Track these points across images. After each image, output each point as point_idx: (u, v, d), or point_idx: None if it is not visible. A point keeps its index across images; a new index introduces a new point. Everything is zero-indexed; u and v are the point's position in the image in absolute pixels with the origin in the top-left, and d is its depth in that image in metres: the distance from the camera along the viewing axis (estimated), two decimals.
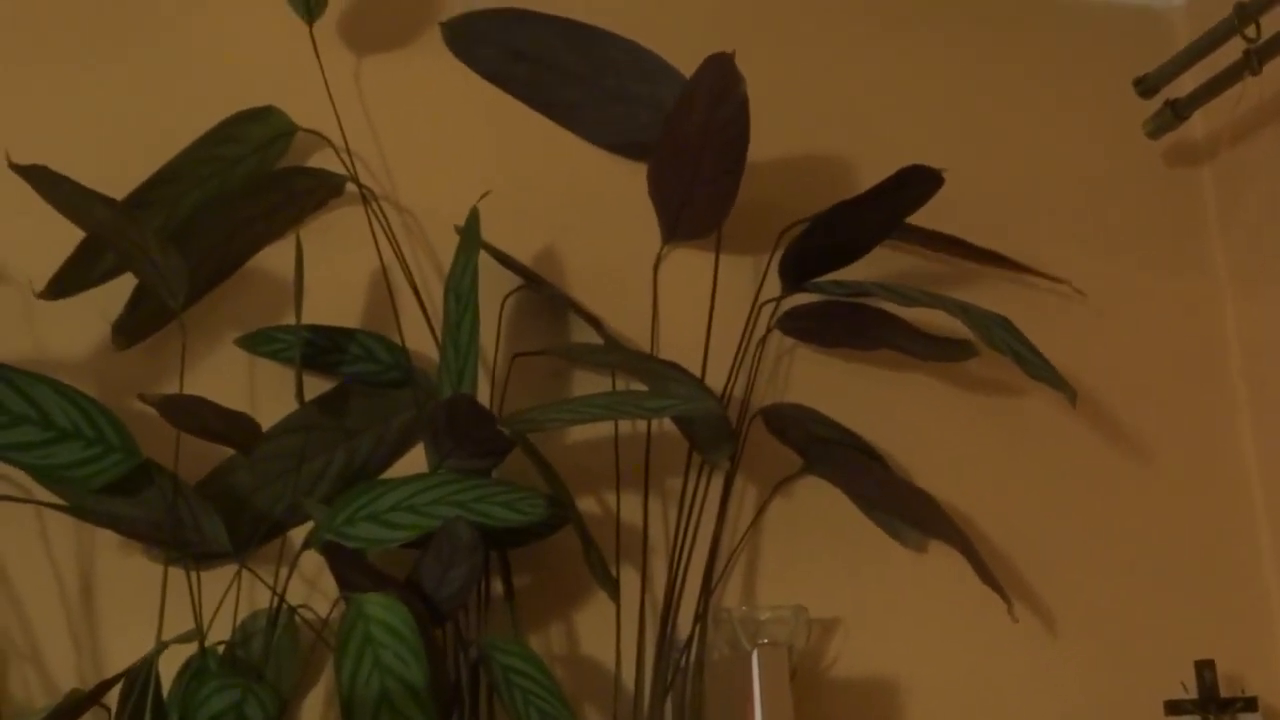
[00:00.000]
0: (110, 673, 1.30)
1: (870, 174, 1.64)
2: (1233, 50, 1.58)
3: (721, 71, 1.33)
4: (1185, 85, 1.71)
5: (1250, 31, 1.49)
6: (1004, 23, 1.78)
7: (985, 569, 1.45)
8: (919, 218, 1.57)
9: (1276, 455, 1.66)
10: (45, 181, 1.17)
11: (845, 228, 1.44)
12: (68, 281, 1.34)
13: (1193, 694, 1.55)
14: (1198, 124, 1.78)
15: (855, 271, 1.57)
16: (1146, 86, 1.67)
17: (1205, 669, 1.51)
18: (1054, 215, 1.73)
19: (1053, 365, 1.41)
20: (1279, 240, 1.67)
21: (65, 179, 1.17)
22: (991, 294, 1.65)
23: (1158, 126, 1.70)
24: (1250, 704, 1.49)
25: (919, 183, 1.40)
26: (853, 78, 1.70)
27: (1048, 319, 1.67)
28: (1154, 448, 1.68)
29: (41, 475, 1.26)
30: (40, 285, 1.35)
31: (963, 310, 1.41)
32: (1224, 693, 1.56)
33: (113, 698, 1.22)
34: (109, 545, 1.35)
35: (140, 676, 1.19)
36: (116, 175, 1.38)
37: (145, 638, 1.30)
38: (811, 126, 1.67)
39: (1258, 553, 1.67)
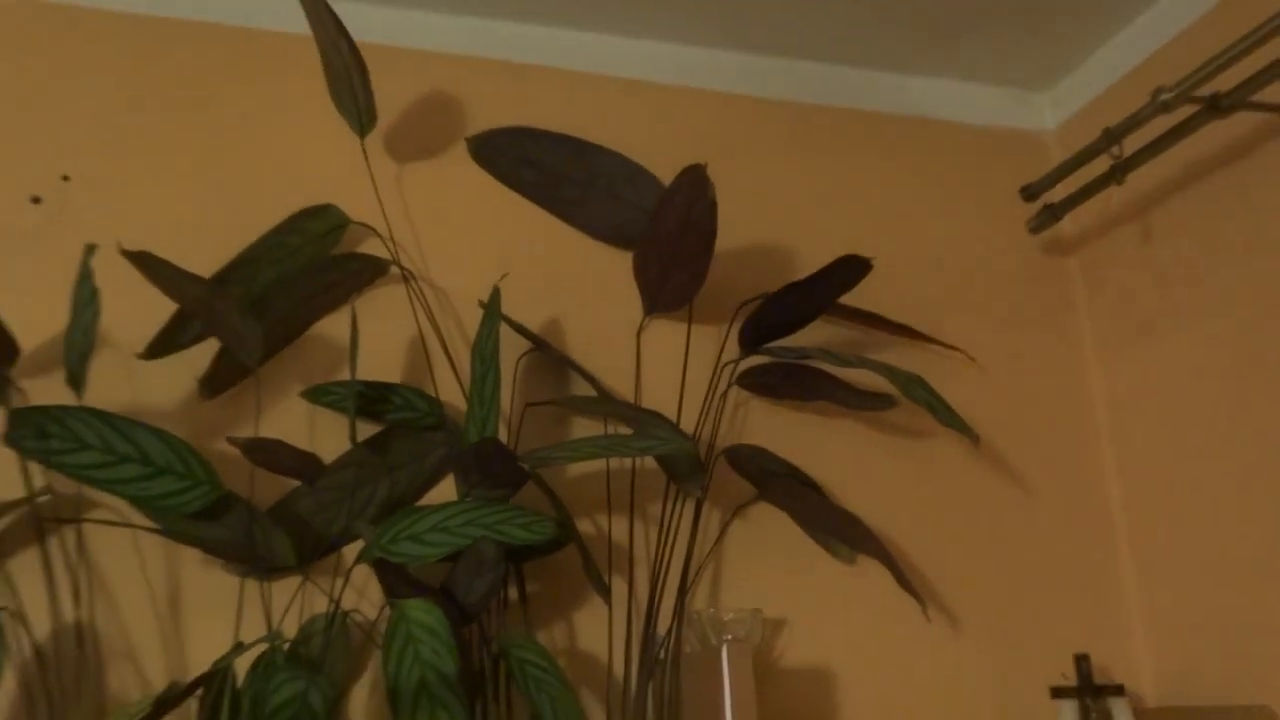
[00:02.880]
0: (193, 669, 1.30)
1: (809, 262, 1.67)
2: (1099, 165, 1.61)
3: (696, 179, 1.34)
4: (1059, 193, 1.73)
5: (1115, 150, 1.52)
6: (917, 144, 1.80)
7: (904, 578, 1.45)
8: (848, 298, 1.59)
9: (1135, 489, 1.67)
10: (148, 264, 1.18)
11: (792, 304, 1.45)
12: (163, 345, 1.34)
13: (1073, 682, 1.55)
14: (1068, 222, 1.81)
15: (799, 339, 1.59)
16: (1030, 193, 1.69)
17: (1082, 661, 1.51)
18: (954, 295, 1.74)
19: (959, 414, 1.42)
20: (1132, 315, 1.69)
21: (164, 262, 1.18)
22: (906, 358, 1.68)
23: (1039, 224, 1.71)
24: (1119, 690, 1.49)
25: (851, 268, 1.41)
26: (796, 187, 1.72)
27: (949, 378, 1.69)
28: (1035, 481, 1.69)
29: (139, 504, 1.25)
30: (140, 348, 1.34)
31: (888, 371, 1.42)
32: (1097, 681, 1.57)
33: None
34: (194, 561, 1.33)
35: (222, 673, 1.17)
36: (204, 259, 1.39)
37: (223, 639, 1.30)
38: (763, 224, 1.68)
39: (1120, 569, 1.68)
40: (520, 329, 1.47)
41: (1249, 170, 1.49)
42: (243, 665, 1.22)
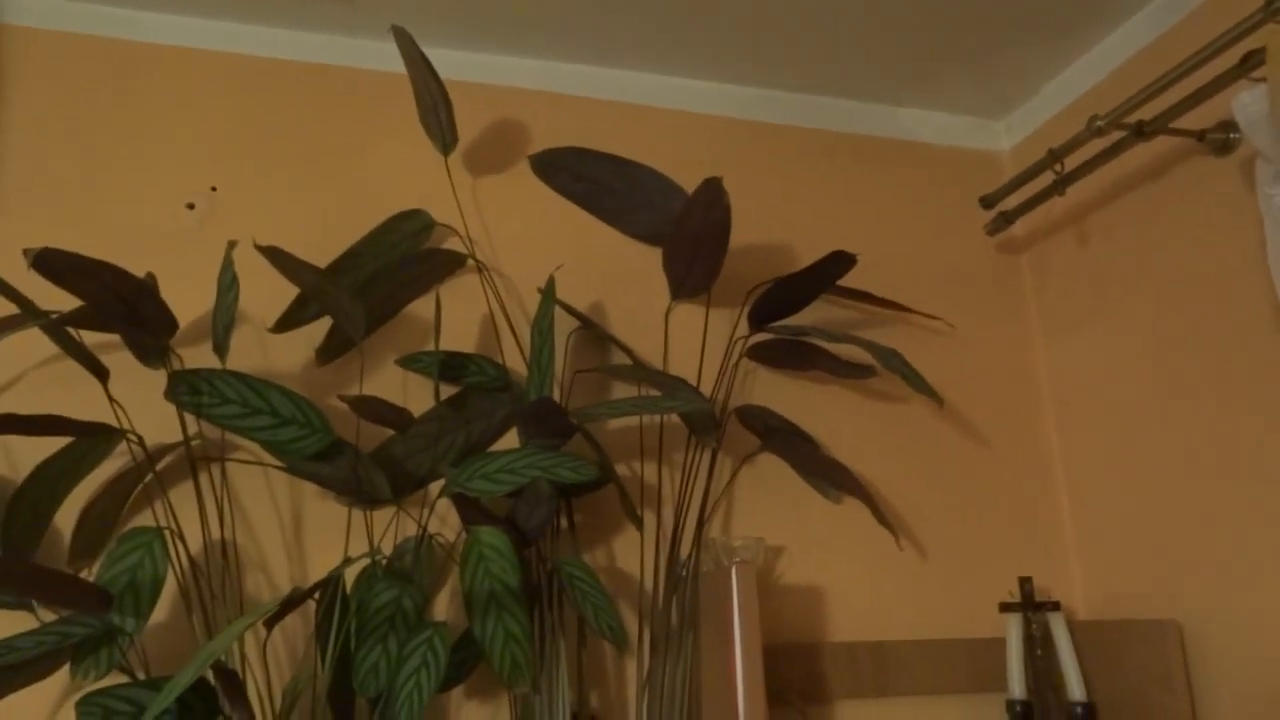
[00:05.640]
0: (311, 578, 1.32)
1: (805, 257, 1.66)
2: (1045, 180, 1.59)
3: (714, 189, 1.33)
4: (1011, 202, 1.72)
5: (1058, 167, 1.50)
6: (894, 161, 1.78)
7: (881, 514, 1.45)
8: (840, 283, 1.58)
9: (1071, 443, 1.67)
10: (277, 257, 1.18)
11: (791, 291, 1.44)
12: (288, 321, 1.34)
13: (1018, 599, 1.55)
14: (1018, 227, 1.79)
15: (798, 319, 1.59)
16: (988, 202, 1.68)
17: (1026, 582, 1.51)
18: (923, 286, 1.72)
19: (928, 381, 1.42)
20: (1071, 305, 1.67)
21: (290, 255, 1.18)
22: (885, 336, 1.67)
23: (994, 228, 1.70)
24: (1055, 606, 1.49)
25: (840, 262, 1.40)
26: (796, 196, 1.71)
27: (919, 354, 1.68)
28: (990, 437, 1.68)
29: (269, 447, 1.25)
30: (270, 324, 1.36)
31: (869, 345, 1.41)
32: (1038, 599, 1.56)
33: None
34: (311, 493, 1.35)
35: (334, 581, 1.19)
36: (321, 253, 1.41)
37: (334, 555, 1.32)
38: (768, 226, 1.67)
39: (1058, 507, 1.67)
40: (571, 310, 1.48)
41: (1168, 185, 1.47)
42: (349, 577, 1.24)
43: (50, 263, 1.01)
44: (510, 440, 1.41)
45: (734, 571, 1.28)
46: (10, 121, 1.39)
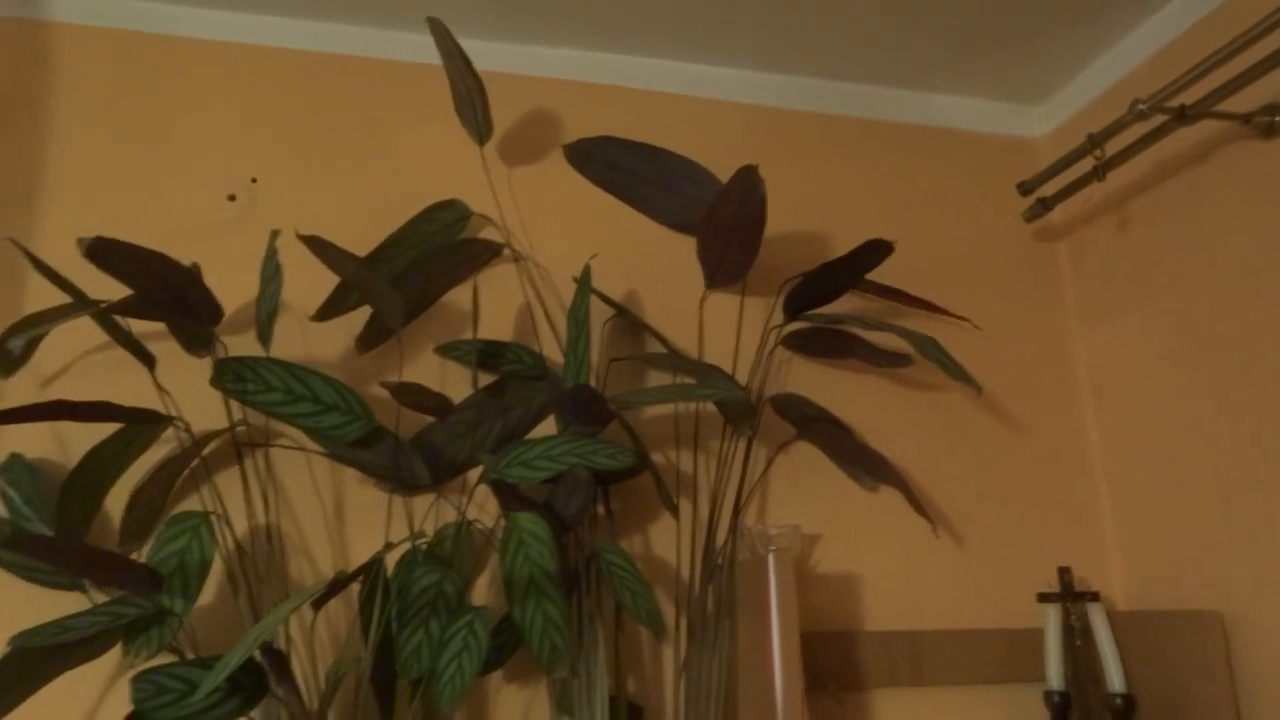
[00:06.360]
0: (352, 563, 1.33)
1: (841, 245, 1.66)
2: (1084, 165, 1.58)
3: (749, 177, 1.33)
4: (1049, 189, 1.71)
5: (1098, 152, 1.49)
6: (931, 148, 1.78)
7: (917, 503, 1.45)
8: (873, 275, 1.58)
9: (1110, 431, 1.65)
10: (318, 246, 1.19)
11: (827, 279, 1.44)
12: (328, 310, 1.37)
13: (1056, 589, 1.54)
14: (1057, 213, 1.78)
15: (833, 308, 1.59)
16: (1026, 188, 1.67)
17: (1065, 572, 1.51)
18: (961, 273, 1.72)
19: (965, 369, 1.41)
20: (1109, 292, 1.66)
21: (330, 244, 1.19)
22: (920, 325, 1.66)
23: (1032, 215, 1.69)
24: (1095, 596, 1.48)
25: (876, 250, 1.40)
26: (831, 184, 1.71)
27: (955, 342, 1.67)
28: (1027, 426, 1.67)
29: (312, 433, 1.28)
30: (311, 313, 1.38)
31: (908, 334, 1.41)
32: (1077, 589, 1.56)
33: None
34: (353, 479, 1.37)
35: (376, 565, 1.21)
36: (360, 242, 1.42)
37: (375, 540, 1.34)
38: (803, 214, 1.67)
39: (1096, 497, 1.66)
40: (606, 299, 1.49)
41: (1211, 169, 1.46)
42: (390, 561, 1.26)
43: (103, 252, 1.03)
44: (547, 428, 1.42)
45: (771, 559, 1.29)
46: (58, 116, 1.42)
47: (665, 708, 1.38)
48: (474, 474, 1.39)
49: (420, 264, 1.41)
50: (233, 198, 1.44)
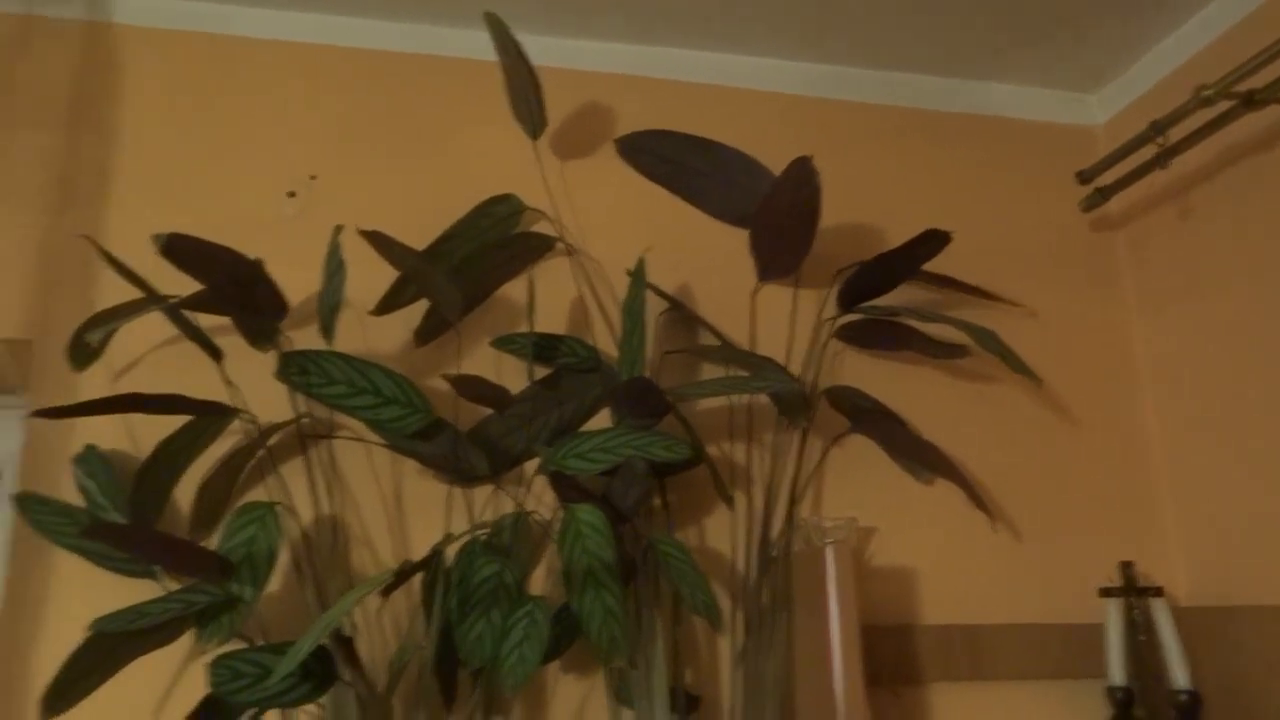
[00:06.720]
0: (412, 553, 1.35)
1: (895, 237, 1.65)
2: (1144, 153, 1.55)
3: (804, 168, 1.33)
4: (1107, 178, 1.68)
5: (1161, 140, 1.47)
6: (986, 138, 1.76)
7: (975, 496, 1.44)
8: (929, 265, 1.57)
9: (1170, 424, 1.63)
10: (380, 241, 1.21)
11: (882, 270, 1.43)
12: (387, 304, 1.38)
13: (1117, 584, 1.52)
14: (1114, 203, 1.75)
15: (887, 300, 1.58)
16: (1085, 177, 1.65)
17: (1128, 567, 1.49)
18: (1017, 264, 1.70)
19: (1024, 361, 1.40)
20: (1169, 282, 1.63)
21: (391, 238, 1.21)
22: (977, 315, 1.65)
23: (1089, 204, 1.66)
24: (1158, 591, 1.46)
25: (933, 241, 1.40)
26: (886, 175, 1.70)
27: (1013, 334, 1.66)
28: (1086, 418, 1.65)
29: (373, 425, 1.31)
30: (371, 308, 1.40)
31: (964, 325, 1.40)
32: (1139, 584, 1.53)
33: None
34: (412, 470, 1.39)
35: (438, 555, 1.23)
36: (413, 237, 1.44)
37: (433, 532, 1.36)
38: (857, 206, 1.67)
39: (1157, 490, 1.63)
40: (659, 292, 1.49)
41: (1276, 156, 1.43)
42: (448, 552, 1.26)
43: (177, 248, 1.06)
44: (600, 421, 1.43)
45: (830, 551, 1.29)
46: (123, 117, 1.46)
47: (722, 699, 1.38)
48: (531, 466, 1.41)
49: (476, 258, 1.43)
50: (292, 194, 1.47)
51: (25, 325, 1.33)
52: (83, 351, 1.22)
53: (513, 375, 1.45)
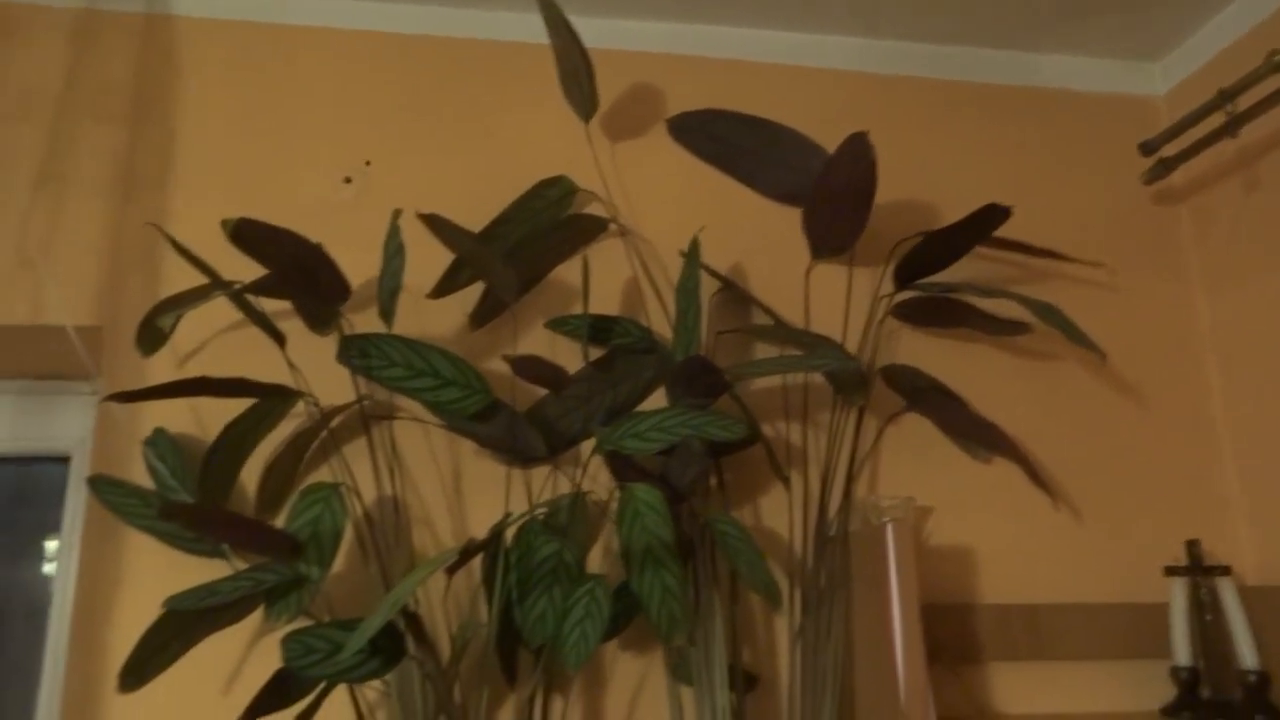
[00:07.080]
0: (471, 533, 1.37)
1: (953, 212, 1.63)
2: (1212, 122, 1.51)
3: (859, 143, 1.32)
4: (1170, 149, 1.64)
5: (1230, 107, 1.43)
6: (1044, 111, 1.73)
7: (1035, 474, 1.43)
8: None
9: (1236, 400, 1.59)
10: (437, 225, 1.22)
11: (940, 246, 1.42)
12: (444, 287, 1.40)
13: (1182, 563, 1.50)
14: (1178, 175, 1.71)
15: (944, 275, 1.56)
16: (1149, 147, 1.61)
17: (1193, 545, 1.46)
18: (1078, 238, 1.67)
19: (1087, 335, 1.38)
20: (1235, 256, 1.60)
21: (448, 222, 1.22)
22: (1035, 291, 1.62)
23: (1152, 177, 1.63)
24: (1225, 570, 1.44)
25: (992, 215, 1.38)
26: (943, 150, 1.67)
27: (1073, 309, 1.63)
28: (1149, 395, 1.62)
29: (432, 407, 1.33)
30: (428, 291, 1.42)
31: (1025, 300, 1.38)
32: (1206, 563, 1.51)
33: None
34: (470, 451, 1.41)
35: (498, 534, 1.24)
36: (471, 220, 1.45)
37: (492, 512, 1.38)
38: (913, 181, 1.65)
39: (1223, 468, 1.60)
40: (712, 272, 1.49)
41: None
42: (506, 533, 1.28)
43: (245, 232, 1.08)
44: (655, 401, 1.44)
45: (890, 530, 1.29)
46: (184, 107, 1.48)
47: (780, 677, 1.39)
48: (587, 446, 1.42)
49: (530, 241, 1.43)
50: (348, 180, 1.49)
51: (96, 313, 1.36)
52: (151, 337, 1.24)
53: (568, 357, 1.45)
